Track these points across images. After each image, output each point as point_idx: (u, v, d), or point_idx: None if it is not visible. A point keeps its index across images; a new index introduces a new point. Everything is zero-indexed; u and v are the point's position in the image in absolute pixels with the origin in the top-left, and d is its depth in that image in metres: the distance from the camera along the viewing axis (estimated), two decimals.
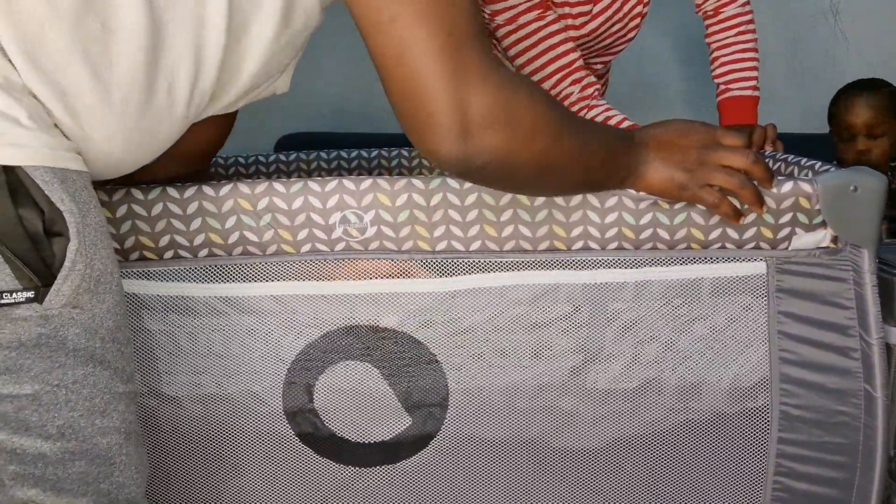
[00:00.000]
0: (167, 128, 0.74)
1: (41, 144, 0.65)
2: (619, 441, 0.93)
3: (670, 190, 0.83)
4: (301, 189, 0.85)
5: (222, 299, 0.88)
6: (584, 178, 0.81)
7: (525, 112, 0.73)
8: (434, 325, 0.89)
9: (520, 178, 0.77)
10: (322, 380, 0.91)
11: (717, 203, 0.82)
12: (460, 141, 0.71)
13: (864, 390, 0.89)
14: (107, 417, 0.68)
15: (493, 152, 0.72)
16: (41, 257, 0.64)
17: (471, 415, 0.92)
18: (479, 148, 0.71)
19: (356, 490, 0.94)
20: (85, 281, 0.66)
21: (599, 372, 0.91)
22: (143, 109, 0.71)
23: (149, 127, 0.72)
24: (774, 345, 0.89)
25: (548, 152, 0.75)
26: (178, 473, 0.93)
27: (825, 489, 0.92)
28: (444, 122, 0.70)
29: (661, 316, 0.89)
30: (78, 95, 0.67)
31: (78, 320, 0.66)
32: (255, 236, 0.86)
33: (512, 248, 0.87)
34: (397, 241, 0.87)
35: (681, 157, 0.82)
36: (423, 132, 0.71)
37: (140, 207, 0.85)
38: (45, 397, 0.65)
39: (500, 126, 0.71)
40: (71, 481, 0.67)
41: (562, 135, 0.77)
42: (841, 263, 0.87)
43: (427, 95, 0.70)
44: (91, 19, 0.66)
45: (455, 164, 0.72)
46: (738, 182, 0.82)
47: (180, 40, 0.71)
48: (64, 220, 0.65)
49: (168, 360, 0.90)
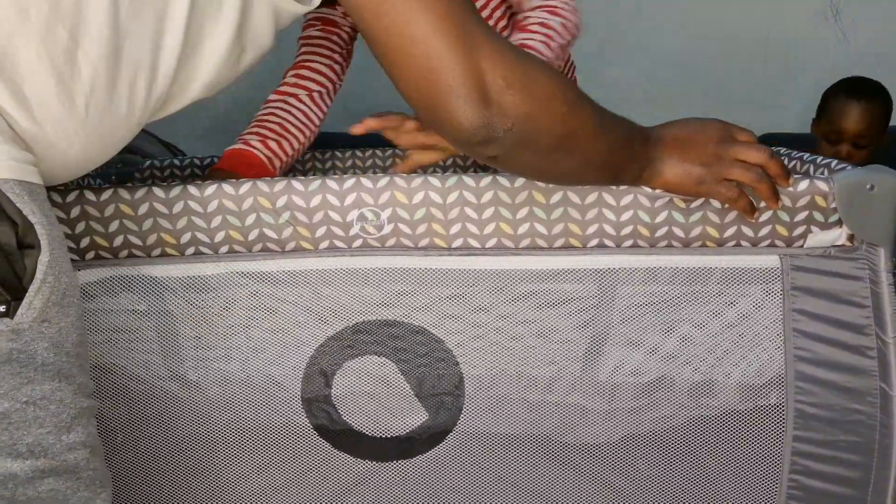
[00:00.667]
0: (123, 132, 0.75)
1: (8, 157, 0.65)
2: (634, 436, 0.93)
3: (688, 186, 0.83)
4: (319, 187, 0.86)
5: (243, 274, 0.90)
6: (607, 158, 0.80)
7: (538, 75, 0.74)
8: (447, 316, 0.90)
9: (543, 145, 0.75)
10: (340, 374, 0.92)
11: (735, 198, 0.82)
12: (482, 107, 0.71)
13: (880, 389, 0.89)
14: (73, 433, 0.67)
15: (516, 114, 0.72)
16: (13, 270, 0.64)
17: (486, 409, 0.93)
18: (501, 111, 0.71)
19: (372, 484, 0.95)
20: (54, 294, 0.65)
21: (612, 364, 0.91)
22: (103, 116, 0.72)
23: (107, 132, 0.73)
24: (790, 342, 0.89)
25: (568, 118, 0.75)
26: (201, 462, 0.94)
27: (841, 488, 0.92)
28: (462, 91, 0.70)
29: (677, 311, 0.90)
30: (44, 104, 0.68)
31: (46, 334, 0.65)
32: (273, 233, 0.88)
33: (527, 246, 0.88)
34: (414, 237, 0.88)
35: (697, 152, 0.82)
36: (443, 107, 0.71)
37: (161, 206, 0.86)
38: (14, 415, 0.64)
39: (518, 88, 0.72)
40: (41, 500, 0.66)
41: (579, 102, 0.77)
42: (857, 262, 0.87)
43: (442, 69, 0.70)
44: (60, 28, 0.67)
45: (480, 134, 0.72)
46: (755, 176, 0.82)
47: (140, 49, 0.72)
48: (35, 233, 0.64)
49: (190, 346, 0.91)
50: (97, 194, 0.86)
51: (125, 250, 0.88)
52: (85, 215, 0.86)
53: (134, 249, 0.88)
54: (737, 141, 0.84)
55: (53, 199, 0.86)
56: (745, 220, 0.86)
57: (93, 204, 0.86)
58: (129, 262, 0.89)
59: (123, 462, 0.93)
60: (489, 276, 0.89)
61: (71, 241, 0.87)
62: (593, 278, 0.89)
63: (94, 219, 0.87)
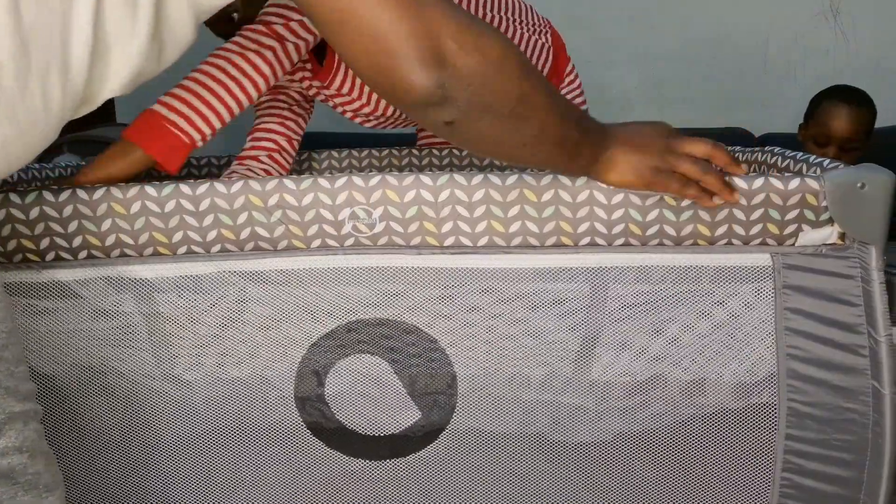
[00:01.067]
0: (43, 127, 0.73)
1: None
2: (627, 435, 0.93)
3: (642, 177, 0.83)
4: (311, 185, 0.86)
5: (235, 273, 0.89)
6: (562, 132, 0.80)
7: (490, 37, 0.73)
8: (439, 314, 0.90)
9: (499, 109, 0.75)
10: (333, 373, 0.92)
11: (683, 188, 0.84)
12: (436, 68, 0.70)
13: (873, 387, 0.89)
14: (4, 437, 0.67)
15: (471, 75, 0.71)
16: None
17: (479, 408, 0.93)
18: (456, 73, 0.71)
19: (366, 483, 0.95)
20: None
21: (605, 363, 0.92)
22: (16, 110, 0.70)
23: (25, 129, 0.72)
24: (782, 341, 0.89)
25: (522, 81, 0.75)
26: (195, 462, 0.94)
27: (834, 487, 0.92)
28: (416, 53, 0.69)
29: (669, 309, 0.90)
30: None
31: None
32: (265, 232, 0.88)
33: (519, 244, 0.88)
34: (406, 236, 0.88)
35: (648, 146, 0.84)
36: (395, 71, 0.70)
37: (153, 204, 0.86)
38: None
39: (471, 49, 0.71)
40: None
41: (530, 66, 0.77)
42: (848, 260, 0.87)
43: (391, 31, 0.69)
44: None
45: (435, 96, 0.71)
46: (700, 169, 0.83)
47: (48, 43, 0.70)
48: None
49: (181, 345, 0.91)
50: (89, 193, 0.87)
51: (117, 249, 0.88)
52: (77, 214, 0.87)
53: (126, 248, 0.88)
54: (683, 137, 0.86)
55: (46, 197, 0.86)
56: (733, 219, 0.86)
57: (85, 202, 0.86)
58: (121, 262, 0.89)
59: (117, 461, 0.93)
60: (481, 275, 0.89)
61: (63, 241, 0.87)
62: (585, 277, 0.89)
63: (87, 217, 0.87)
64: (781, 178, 0.85)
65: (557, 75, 1.46)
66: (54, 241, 0.87)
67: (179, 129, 1.08)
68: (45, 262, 0.88)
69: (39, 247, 0.88)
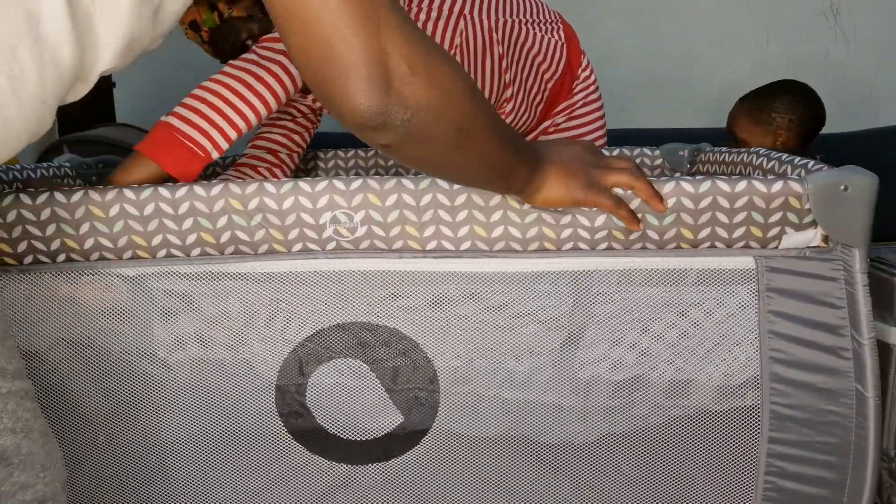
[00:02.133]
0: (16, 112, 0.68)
1: None
2: (610, 436, 0.93)
3: (568, 198, 0.84)
4: (291, 189, 0.85)
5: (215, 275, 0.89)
6: (500, 157, 0.79)
7: (442, 64, 0.71)
8: (421, 318, 0.90)
9: (437, 139, 0.73)
10: (315, 376, 0.92)
11: (615, 206, 0.85)
12: (382, 92, 0.67)
13: (856, 390, 0.88)
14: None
15: (417, 104, 0.69)
16: None
17: (462, 410, 0.93)
18: (401, 99, 0.68)
19: (351, 488, 0.94)
20: None
21: (588, 364, 0.91)
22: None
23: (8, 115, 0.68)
24: (765, 344, 0.89)
25: (466, 111, 0.73)
26: (177, 468, 0.94)
27: (816, 489, 0.92)
28: (363, 72, 0.66)
29: (652, 312, 0.90)
30: None
31: None
32: (246, 236, 0.87)
33: (502, 248, 0.88)
34: (387, 240, 0.87)
35: (575, 165, 0.85)
36: (340, 85, 0.67)
37: (132, 207, 0.86)
38: None
39: (422, 77, 0.69)
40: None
41: (477, 95, 0.75)
42: (832, 263, 0.87)
43: (344, 45, 0.66)
44: None
45: (375, 120, 0.68)
46: (629, 177, 0.85)
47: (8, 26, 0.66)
48: None
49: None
50: (67, 196, 0.86)
51: (96, 252, 0.87)
52: (55, 217, 0.86)
53: (105, 252, 0.87)
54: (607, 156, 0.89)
55: (24, 200, 0.85)
56: (717, 222, 0.86)
57: (63, 206, 0.85)
58: (100, 265, 0.88)
59: (102, 464, 0.92)
60: (464, 279, 0.89)
61: (41, 244, 0.86)
62: (568, 281, 0.89)
63: (65, 221, 0.86)
64: (764, 181, 0.85)
65: (571, 72, 1.43)
66: (32, 244, 0.86)
67: (195, 143, 1.04)
68: (22, 265, 0.87)
69: (17, 250, 0.87)
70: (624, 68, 2.48)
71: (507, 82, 1.32)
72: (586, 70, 1.44)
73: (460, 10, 1.27)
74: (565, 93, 1.41)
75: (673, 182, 0.85)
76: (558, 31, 1.41)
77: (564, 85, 1.41)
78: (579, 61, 1.43)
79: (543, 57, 1.37)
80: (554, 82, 1.39)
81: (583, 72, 1.44)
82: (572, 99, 1.42)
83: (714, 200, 0.85)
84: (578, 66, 1.43)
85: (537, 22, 1.38)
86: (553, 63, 1.39)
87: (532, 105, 1.38)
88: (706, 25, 2.47)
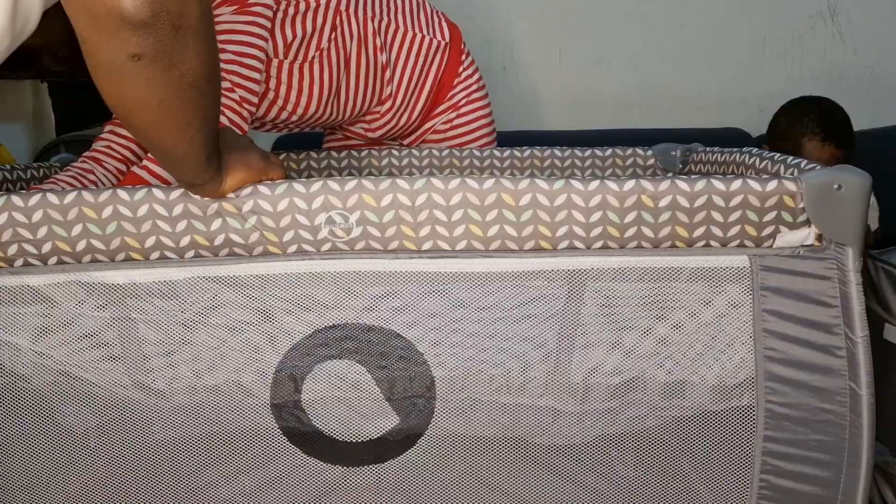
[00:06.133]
0: None
1: None
2: (606, 437, 0.93)
3: (249, 174, 0.86)
4: (286, 191, 0.85)
5: (210, 279, 0.88)
6: (214, 128, 0.78)
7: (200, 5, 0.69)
8: (418, 320, 0.90)
9: (186, 68, 0.70)
10: (310, 378, 0.91)
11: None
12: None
13: (850, 388, 0.89)
14: None
15: (196, 21, 0.68)
16: None
17: (458, 412, 0.93)
18: (183, 3, 0.66)
19: (346, 490, 0.94)
20: None
21: (583, 366, 0.91)
22: None
23: None
24: (760, 343, 0.89)
25: (198, 39, 0.70)
26: (168, 471, 0.93)
27: (811, 487, 0.92)
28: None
29: (647, 312, 0.90)
30: None
31: None
32: (240, 238, 0.86)
33: (498, 248, 0.88)
34: (383, 241, 0.87)
35: (252, 155, 0.87)
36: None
37: (126, 209, 0.85)
38: None
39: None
40: None
41: (211, 31, 0.73)
42: (826, 262, 0.87)
43: None
44: None
45: (138, 16, 0.64)
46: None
47: None
48: None
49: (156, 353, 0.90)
50: (60, 197, 0.85)
51: (88, 255, 0.86)
52: (47, 219, 0.85)
53: (97, 254, 0.86)
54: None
55: (15, 202, 0.85)
56: (711, 220, 0.86)
57: (55, 207, 0.85)
58: (92, 268, 0.87)
59: (93, 469, 0.92)
60: (460, 279, 0.89)
61: (32, 247, 0.86)
62: (564, 280, 0.89)
63: (56, 223, 0.85)
64: (759, 180, 0.85)
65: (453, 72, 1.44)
66: (23, 247, 0.86)
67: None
68: (13, 268, 0.87)
69: (7, 253, 0.86)
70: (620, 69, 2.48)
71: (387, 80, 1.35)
72: (469, 69, 1.46)
73: (336, 6, 1.29)
74: (446, 93, 1.43)
75: (668, 181, 0.85)
76: (441, 31, 1.42)
77: (445, 85, 1.43)
78: (460, 61, 1.44)
79: (424, 57, 1.38)
80: (435, 82, 1.41)
81: (464, 70, 1.45)
82: (454, 100, 1.44)
83: (709, 199, 0.85)
84: (460, 65, 1.44)
85: (417, 21, 1.39)
86: (431, 65, 1.40)
87: (412, 105, 1.40)
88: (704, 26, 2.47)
